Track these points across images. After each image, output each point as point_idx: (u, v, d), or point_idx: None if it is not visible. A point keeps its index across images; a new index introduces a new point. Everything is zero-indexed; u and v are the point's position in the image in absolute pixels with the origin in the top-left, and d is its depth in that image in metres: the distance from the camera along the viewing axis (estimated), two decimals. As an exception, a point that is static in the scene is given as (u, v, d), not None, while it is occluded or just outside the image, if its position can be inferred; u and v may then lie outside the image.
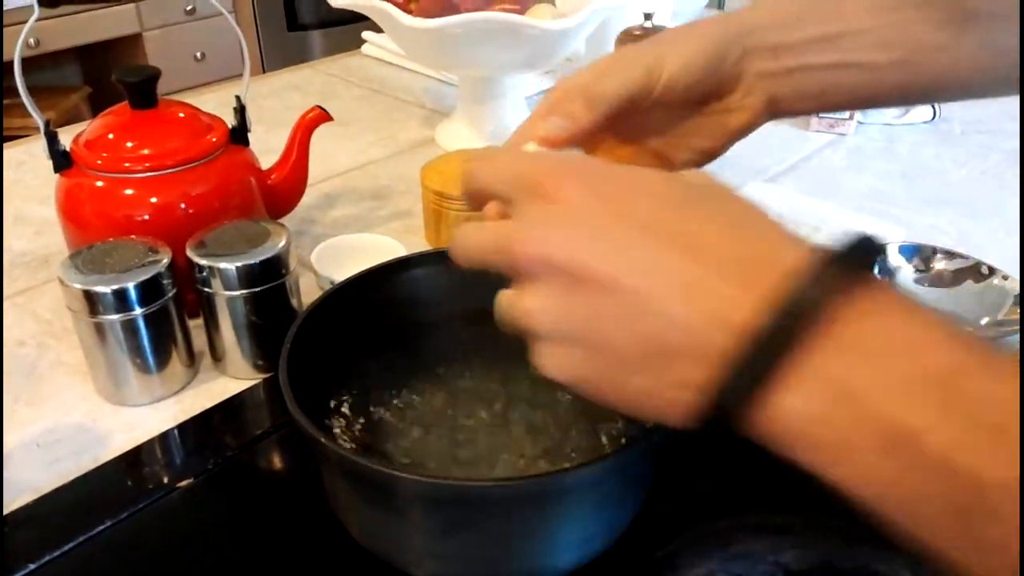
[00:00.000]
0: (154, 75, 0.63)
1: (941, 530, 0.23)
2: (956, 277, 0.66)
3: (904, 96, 0.46)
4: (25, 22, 0.59)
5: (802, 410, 0.25)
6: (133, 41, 2.49)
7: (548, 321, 0.29)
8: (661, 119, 0.45)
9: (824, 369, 0.24)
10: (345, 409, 0.51)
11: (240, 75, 0.71)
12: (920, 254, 0.68)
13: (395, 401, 0.52)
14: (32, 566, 0.45)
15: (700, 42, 0.42)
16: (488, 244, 0.30)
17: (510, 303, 0.30)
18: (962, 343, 0.24)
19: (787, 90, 0.43)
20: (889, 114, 1.00)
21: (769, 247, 0.27)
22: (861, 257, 0.26)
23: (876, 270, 0.26)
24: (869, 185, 0.87)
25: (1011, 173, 0.89)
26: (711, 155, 0.45)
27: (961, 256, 0.67)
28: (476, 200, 0.34)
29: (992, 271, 0.65)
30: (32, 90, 0.59)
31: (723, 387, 0.25)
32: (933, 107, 1.00)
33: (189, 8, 2.55)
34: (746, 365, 0.25)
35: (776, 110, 0.44)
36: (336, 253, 0.69)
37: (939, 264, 0.67)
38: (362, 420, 0.51)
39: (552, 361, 0.29)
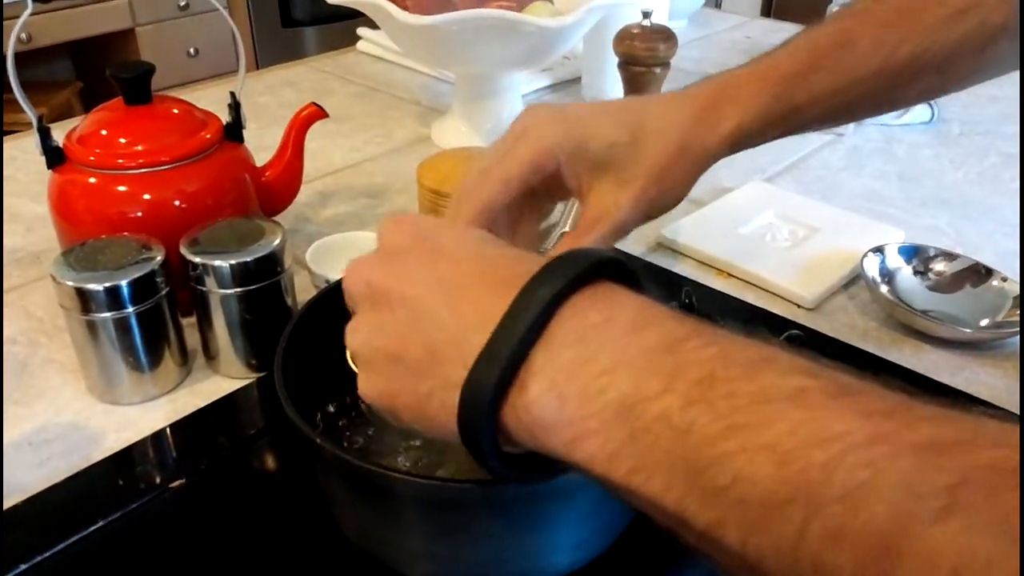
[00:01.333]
0: (148, 71, 0.62)
1: (678, 488, 0.25)
2: (955, 278, 0.66)
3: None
4: (18, 17, 0.58)
5: (544, 395, 0.28)
6: (126, 36, 2.48)
7: (360, 340, 0.33)
8: None
9: (556, 356, 0.28)
10: (339, 409, 0.51)
11: (233, 71, 0.70)
12: (919, 255, 0.67)
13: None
14: (23, 566, 0.45)
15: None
16: None
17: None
18: (675, 322, 0.28)
19: None
20: (887, 115, 1.00)
21: (523, 267, 0.30)
22: (582, 265, 0.29)
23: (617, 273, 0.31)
24: (867, 186, 0.87)
25: (1008, 175, 0.89)
26: None
27: (960, 257, 0.66)
28: None
29: (991, 272, 0.65)
30: (23, 85, 0.58)
31: (474, 379, 0.29)
32: (931, 108, 1.00)
33: (183, 4, 2.53)
34: (490, 358, 0.28)
35: None
36: (331, 251, 0.68)
37: (938, 265, 0.67)
38: (356, 420, 0.50)
39: (366, 385, 0.33)
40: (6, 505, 0.48)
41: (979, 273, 0.65)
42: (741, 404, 0.24)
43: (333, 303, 0.49)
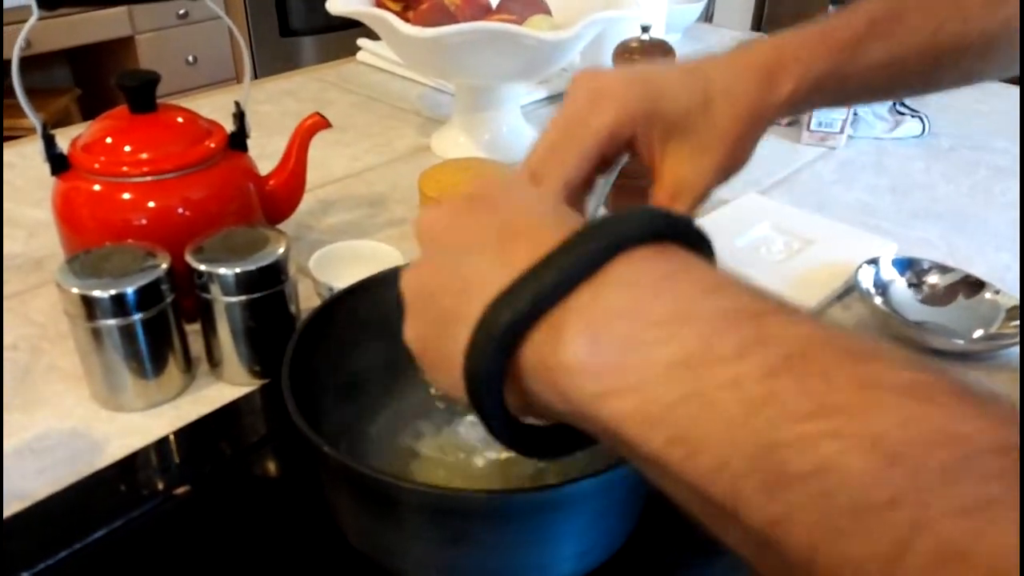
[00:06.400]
0: (154, 80, 0.62)
1: (735, 468, 0.21)
2: (949, 291, 0.67)
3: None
4: (21, 22, 0.58)
5: (575, 337, 0.24)
6: (125, 44, 2.48)
7: (408, 282, 0.32)
8: None
9: (601, 298, 0.24)
10: (343, 417, 0.51)
11: (231, 79, 0.71)
12: (913, 267, 0.69)
13: (394, 410, 0.52)
14: (25, 574, 0.45)
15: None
16: None
17: None
18: (757, 293, 0.25)
19: None
20: (879, 128, 1.01)
21: (555, 219, 0.29)
22: (654, 223, 0.26)
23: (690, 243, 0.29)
24: (859, 199, 0.88)
25: (998, 188, 0.90)
26: None
27: (953, 270, 0.67)
28: None
29: (983, 285, 0.66)
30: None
31: (490, 315, 0.25)
32: (923, 122, 1.01)
33: (181, 12, 2.54)
34: (512, 292, 0.25)
35: None
36: (334, 260, 0.69)
37: (932, 278, 0.68)
38: (360, 428, 0.51)
39: (407, 329, 0.32)
40: (9, 512, 0.49)
41: (972, 285, 0.66)
42: (840, 384, 0.20)
43: (340, 312, 0.49)
